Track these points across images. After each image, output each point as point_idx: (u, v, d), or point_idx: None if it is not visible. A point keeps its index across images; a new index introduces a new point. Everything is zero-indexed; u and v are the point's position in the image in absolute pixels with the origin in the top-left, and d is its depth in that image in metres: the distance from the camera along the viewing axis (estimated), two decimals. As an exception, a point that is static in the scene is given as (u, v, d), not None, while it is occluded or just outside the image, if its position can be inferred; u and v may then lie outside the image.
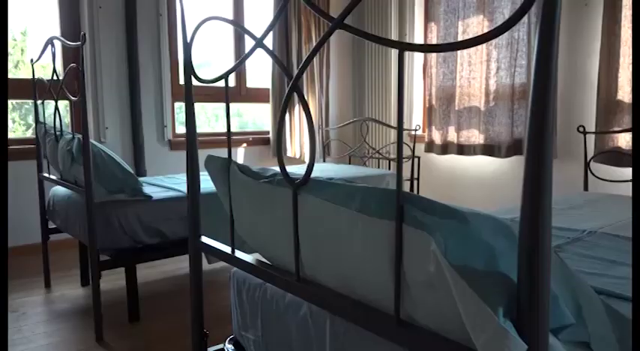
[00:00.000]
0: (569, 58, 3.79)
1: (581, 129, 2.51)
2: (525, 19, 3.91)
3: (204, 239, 1.30)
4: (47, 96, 2.42)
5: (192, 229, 1.33)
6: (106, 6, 3.54)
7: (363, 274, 0.77)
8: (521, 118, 4.02)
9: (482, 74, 4.21)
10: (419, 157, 3.33)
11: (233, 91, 4.43)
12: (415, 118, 4.93)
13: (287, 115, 4.46)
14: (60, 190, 2.52)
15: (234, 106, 4.58)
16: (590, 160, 2.46)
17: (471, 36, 4.25)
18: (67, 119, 3.52)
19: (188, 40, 1.24)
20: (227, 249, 1.19)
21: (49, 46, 2.28)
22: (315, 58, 4.55)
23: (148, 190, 2.32)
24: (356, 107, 5.15)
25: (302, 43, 4.48)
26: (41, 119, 2.61)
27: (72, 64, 2.04)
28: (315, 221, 0.86)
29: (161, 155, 3.89)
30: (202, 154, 1.40)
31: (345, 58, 5.06)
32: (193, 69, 1.25)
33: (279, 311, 1.08)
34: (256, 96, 4.62)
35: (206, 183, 2.53)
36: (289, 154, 4.50)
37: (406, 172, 3.48)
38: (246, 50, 1.10)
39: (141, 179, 2.82)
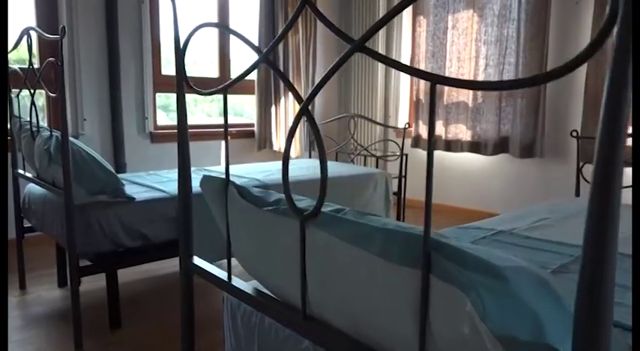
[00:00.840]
0: (558, 57, 3.76)
1: (574, 133, 2.47)
2: (515, 15, 3.86)
3: (197, 261, 1.22)
4: (22, 86, 2.28)
5: (184, 248, 1.24)
6: (84, -8, 3.38)
7: (378, 319, 0.70)
8: (508, 116, 3.99)
9: (470, 70, 4.16)
10: (407, 154, 3.28)
11: (216, 82, 4.31)
12: (402, 112, 4.88)
13: (272, 107, 4.36)
14: (36, 187, 2.40)
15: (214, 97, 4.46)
16: (582, 166, 2.43)
17: (460, 31, 4.20)
18: (44, 112, 3.37)
19: (181, 45, 1.14)
20: (222, 274, 1.10)
21: (25, 37, 2.14)
22: (301, 50, 4.46)
23: (129, 189, 2.21)
24: (341, 100, 5.07)
25: (289, 34, 4.36)
26: (16, 112, 2.47)
27: (50, 59, 1.92)
28: (325, 256, 0.79)
29: (142, 148, 3.76)
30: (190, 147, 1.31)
31: (331, 49, 4.96)
32: (187, 77, 1.16)
33: (277, 341, 1.01)
34: (241, 87, 4.50)
35: (193, 184, 2.45)
36: (275, 148, 4.41)
37: (394, 170, 3.43)
38: (230, 38, 1.00)
39: (121, 176, 2.71)
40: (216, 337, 1.83)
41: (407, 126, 3.42)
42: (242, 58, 4.78)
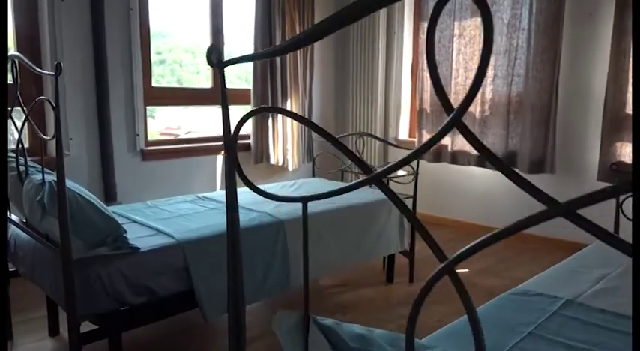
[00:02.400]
0: (571, 71, 3.62)
1: (613, 167, 2.31)
2: (525, 25, 3.70)
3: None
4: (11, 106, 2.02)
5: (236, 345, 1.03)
6: (69, -1, 3.09)
7: None
8: (516, 130, 3.84)
9: (477, 81, 3.98)
10: (417, 172, 3.10)
11: (210, 92, 4.06)
12: (402, 121, 4.69)
13: (269, 119, 4.13)
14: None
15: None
16: (623, 202, 2.26)
17: (467, 39, 4.03)
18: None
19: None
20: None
21: (10, 66, 1.88)
22: (299, 57, 4.23)
23: (130, 232, 1.98)
24: (338, 110, 4.86)
25: (285, 40, 4.12)
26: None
27: (42, 97, 1.67)
28: None
29: (133, 167, 3.50)
30: (182, 163, 1.10)
31: (329, 59, 4.74)
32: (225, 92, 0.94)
33: None
34: (235, 97, 4.25)
35: (198, 220, 2.19)
36: (272, 161, 4.18)
37: (407, 190, 3.24)
38: (224, 21, 0.80)
39: (116, 210, 2.47)
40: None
41: (423, 147, 3.22)
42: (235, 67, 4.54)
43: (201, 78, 4.45)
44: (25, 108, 1.86)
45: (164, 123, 4.94)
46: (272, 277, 2.26)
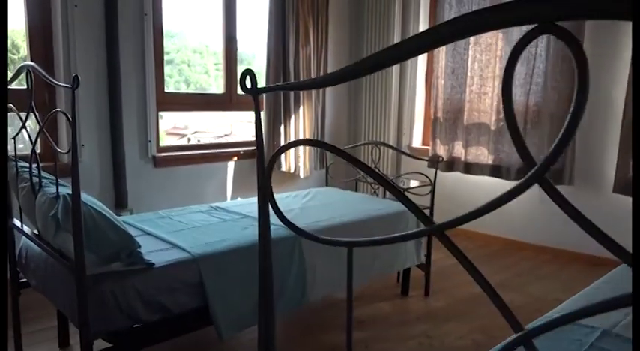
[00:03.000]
0: (591, 80, 3.53)
1: None
2: (545, 33, 3.62)
3: None
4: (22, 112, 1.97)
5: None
6: (82, 4, 3.05)
7: None
8: (532, 140, 3.77)
9: (494, 90, 3.92)
10: (434, 183, 3.03)
11: (223, 98, 4.01)
12: (416, 130, 4.63)
13: (281, 126, 4.08)
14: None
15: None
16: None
17: (483, 47, 3.96)
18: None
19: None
20: None
21: (26, 74, 1.84)
22: (312, 63, 4.18)
23: (143, 246, 1.92)
24: (351, 117, 4.80)
25: (299, 46, 4.08)
26: (10, 148, 2.16)
27: (57, 109, 1.62)
28: None
29: (145, 174, 3.46)
30: (194, 170, 1.05)
31: (342, 62, 4.67)
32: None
33: None
34: (248, 103, 4.20)
35: (213, 233, 2.15)
36: (283, 168, 4.13)
37: (422, 201, 3.17)
38: (237, 16, 0.74)
39: (128, 220, 2.43)
40: None
41: (441, 159, 3.18)
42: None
43: (211, 80, 4.42)
44: (39, 120, 1.81)
45: (171, 122, 4.91)
46: (288, 293, 2.20)
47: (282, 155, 4.11)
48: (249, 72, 0.81)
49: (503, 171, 3.90)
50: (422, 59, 4.50)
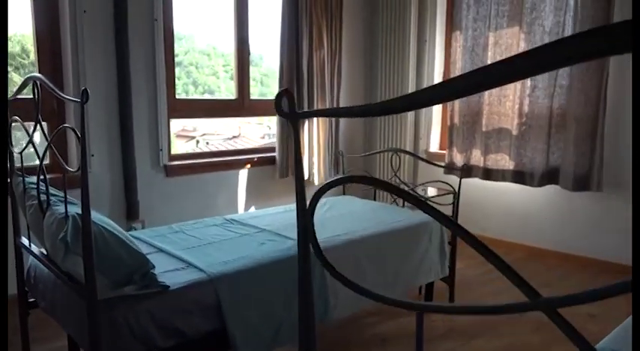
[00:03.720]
0: (620, 81, 3.39)
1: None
2: (569, 33, 3.48)
3: None
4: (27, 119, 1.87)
5: None
6: (91, 10, 2.95)
7: None
8: (557, 144, 3.62)
9: (515, 92, 3.78)
10: (457, 192, 2.90)
11: (236, 104, 3.90)
12: (433, 135, 4.50)
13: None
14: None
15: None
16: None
17: (504, 48, 3.82)
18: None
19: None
20: None
21: (32, 86, 1.73)
22: (326, 66, 4.06)
23: (156, 264, 1.81)
24: (366, 122, 4.68)
25: (313, 49, 3.96)
26: (17, 158, 2.06)
27: (64, 126, 1.51)
28: None
29: (156, 183, 3.35)
30: (206, 178, 0.93)
31: (357, 66, 4.56)
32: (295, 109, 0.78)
33: None
34: (261, 109, 4.10)
35: (230, 249, 2.04)
36: (298, 175, 4.01)
37: (444, 210, 3.04)
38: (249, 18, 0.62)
39: (139, 235, 2.32)
40: None
41: (465, 166, 3.05)
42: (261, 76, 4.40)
43: (219, 82, 4.33)
44: (46, 135, 1.70)
45: (180, 124, 4.82)
46: (308, 312, 2.08)
47: (297, 162, 3.99)
48: (286, 93, 0.69)
49: (526, 176, 3.76)
50: (438, 61, 4.36)
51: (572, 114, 3.49)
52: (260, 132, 5.79)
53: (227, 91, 4.41)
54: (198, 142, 6.10)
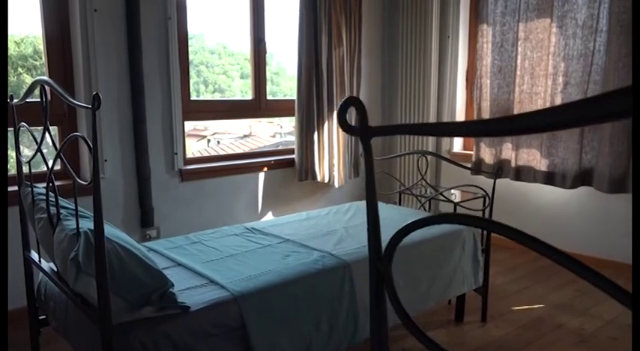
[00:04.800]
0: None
1: None
2: (604, 26, 3.29)
3: None
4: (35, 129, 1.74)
5: None
6: (102, 9, 2.82)
7: None
8: (591, 144, 3.43)
9: (546, 89, 3.59)
10: (492, 198, 2.73)
11: (251, 104, 3.75)
12: (457, 133, 4.30)
13: (315, 133, 3.80)
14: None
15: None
16: None
17: (534, 43, 3.63)
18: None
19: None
20: None
21: (40, 90, 1.59)
22: (345, 64, 3.90)
23: (175, 282, 1.67)
24: (385, 122, 4.51)
25: (332, 47, 3.80)
26: (24, 161, 1.93)
27: (75, 134, 1.37)
28: None
29: (171, 188, 3.22)
30: (222, 182, 0.75)
31: (376, 64, 4.39)
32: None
33: None
34: (278, 109, 3.95)
35: (253, 263, 1.89)
36: (318, 178, 3.86)
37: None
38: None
39: (154, 246, 2.18)
40: None
41: (500, 172, 2.88)
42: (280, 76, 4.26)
43: (229, 80, 4.19)
44: (56, 145, 1.56)
45: (191, 123, 4.69)
46: (339, 329, 1.93)
47: (317, 165, 3.84)
48: (353, 102, 0.54)
49: (557, 178, 3.57)
50: (462, 58, 4.18)
51: (609, 112, 3.29)
52: (271, 131, 5.66)
53: (237, 89, 4.29)
54: (209, 141, 5.97)
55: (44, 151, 2.25)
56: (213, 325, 1.62)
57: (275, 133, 5.68)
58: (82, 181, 1.36)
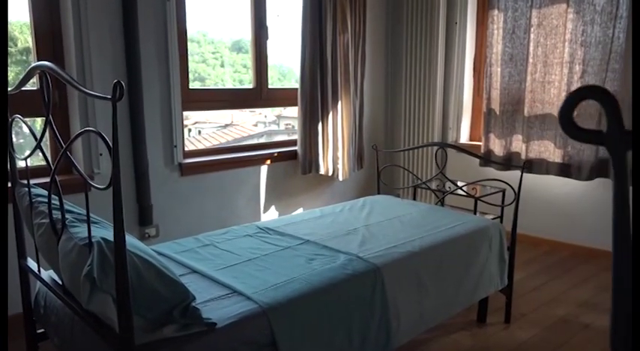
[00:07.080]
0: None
1: None
2: (624, 11, 3.16)
3: None
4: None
5: None
6: (96, -12, 2.58)
7: None
8: (608, 134, 3.30)
9: (561, 78, 3.45)
10: (519, 193, 2.59)
11: (251, 93, 3.55)
12: (464, 123, 4.17)
13: (319, 124, 3.61)
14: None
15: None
16: None
17: (548, 30, 3.48)
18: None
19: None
20: None
21: (39, 78, 1.38)
22: (350, 51, 3.71)
23: (191, 287, 1.48)
24: (388, 111, 4.34)
25: (337, 33, 3.60)
26: (19, 158, 1.71)
27: (88, 129, 1.17)
28: None
29: (170, 183, 3.01)
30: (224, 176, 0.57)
31: (380, 51, 4.21)
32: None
33: None
34: (280, 99, 3.75)
35: (275, 268, 1.72)
36: (321, 171, 3.68)
37: (493, 210, 2.74)
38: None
39: (161, 249, 1.99)
40: None
41: (526, 166, 2.74)
42: (280, 62, 4.05)
43: (210, 69, 3.97)
44: (62, 142, 1.35)
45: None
46: (371, 339, 1.77)
47: (321, 157, 3.66)
48: (595, 94, 0.30)
49: (573, 170, 3.45)
50: (469, 45, 4.02)
51: (627, 101, 3.18)
52: (253, 119, 5.45)
53: (217, 78, 4.06)
54: (190, 130, 5.73)
55: (21, 141, 2.04)
56: (241, 342, 1.44)
57: (257, 122, 5.46)
58: (98, 186, 1.16)
